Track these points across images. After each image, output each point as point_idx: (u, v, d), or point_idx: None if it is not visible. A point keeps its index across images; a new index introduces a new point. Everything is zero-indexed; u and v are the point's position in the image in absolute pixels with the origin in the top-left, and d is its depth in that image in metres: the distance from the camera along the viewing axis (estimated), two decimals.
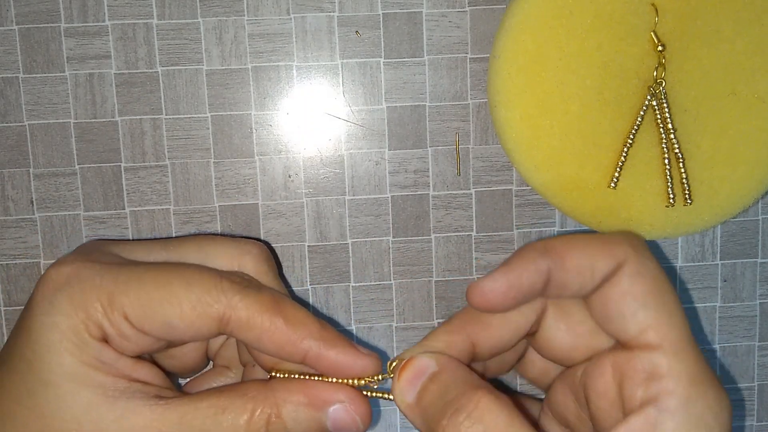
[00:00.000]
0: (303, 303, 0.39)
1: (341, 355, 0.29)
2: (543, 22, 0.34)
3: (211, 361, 0.36)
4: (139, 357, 0.30)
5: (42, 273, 0.30)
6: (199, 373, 0.35)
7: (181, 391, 0.32)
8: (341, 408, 0.29)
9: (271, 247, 0.39)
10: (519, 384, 0.41)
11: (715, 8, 0.34)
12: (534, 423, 0.28)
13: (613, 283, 0.27)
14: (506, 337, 0.29)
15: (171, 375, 0.34)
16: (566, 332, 0.29)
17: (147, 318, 0.28)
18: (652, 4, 0.34)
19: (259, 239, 0.38)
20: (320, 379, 0.30)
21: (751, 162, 0.35)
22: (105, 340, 0.29)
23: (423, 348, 0.29)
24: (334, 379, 0.30)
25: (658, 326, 0.26)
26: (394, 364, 0.29)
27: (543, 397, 0.33)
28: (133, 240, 0.33)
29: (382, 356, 0.40)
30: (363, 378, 0.30)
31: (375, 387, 0.30)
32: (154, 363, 0.32)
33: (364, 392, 0.30)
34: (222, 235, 0.37)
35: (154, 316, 0.28)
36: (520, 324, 0.29)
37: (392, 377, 0.29)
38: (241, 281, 0.30)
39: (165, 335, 0.29)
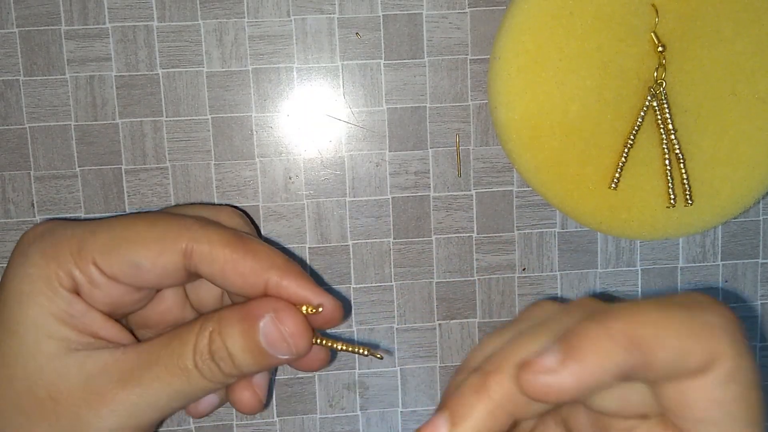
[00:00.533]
0: None
1: (301, 288, 0.29)
2: (543, 23, 0.34)
3: None
4: (113, 318, 0.30)
5: None
6: None
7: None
8: (269, 320, 0.28)
9: (250, 216, 0.38)
10: None
11: (715, 9, 0.34)
12: None
13: (700, 386, 0.22)
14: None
15: None
16: (618, 399, 0.23)
17: (113, 259, 0.29)
18: (653, 5, 0.34)
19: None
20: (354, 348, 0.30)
21: (752, 162, 0.35)
22: (76, 291, 0.29)
23: None
24: None
25: None
26: (320, 309, 0.29)
27: None
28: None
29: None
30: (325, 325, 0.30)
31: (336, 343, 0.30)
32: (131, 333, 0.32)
33: (320, 340, 0.30)
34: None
35: (119, 257, 0.29)
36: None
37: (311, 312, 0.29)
38: (206, 221, 0.30)
39: (133, 279, 0.29)
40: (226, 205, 0.35)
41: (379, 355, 0.31)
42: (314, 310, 0.29)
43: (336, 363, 0.40)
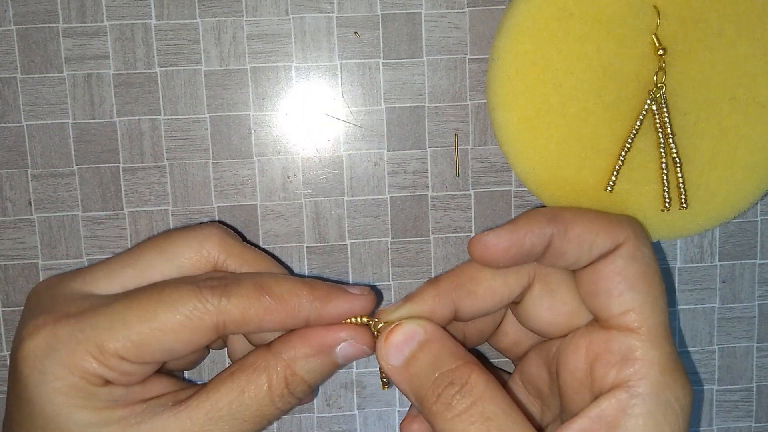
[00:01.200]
0: None
1: (340, 306, 0.30)
2: (542, 25, 0.33)
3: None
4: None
5: (21, 332, 0.29)
6: None
7: (192, 383, 0.32)
8: (347, 345, 0.30)
9: (228, 224, 0.38)
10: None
11: (718, 11, 0.33)
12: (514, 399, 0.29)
13: (608, 262, 0.28)
14: (489, 305, 0.31)
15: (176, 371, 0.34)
16: (548, 309, 0.31)
17: (144, 352, 0.28)
18: (654, 7, 0.33)
19: (214, 221, 0.38)
20: None
21: (749, 166, 0.35)
22: (109, 382, 0.29)
23: (409, 310, 0.30)
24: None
25: (641, 310, 0.27)
26: (380, 325, 0.30)
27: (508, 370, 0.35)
28: (87, 267, 0.32)
29: None
30: (360, 317, 0.31)
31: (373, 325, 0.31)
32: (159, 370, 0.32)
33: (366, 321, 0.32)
34: (176, 229, 0.35)
35: (150, 349, 0.28)
36: (504, 295, 0.31)
37: (377, 336, 0.30)
38: (218, 281, 0.29)
39: (166, 358, 0.29)
40: (209, 222, 0.34)
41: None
42: (371, 321, 0.31)
43: None
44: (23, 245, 0.38)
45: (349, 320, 0.31)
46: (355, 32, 0.37)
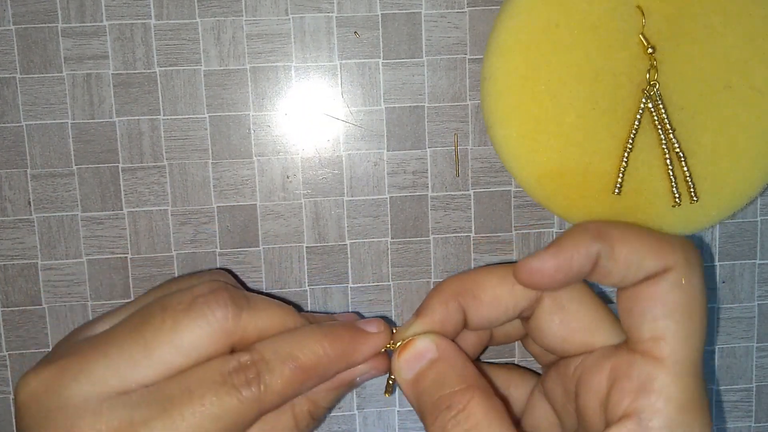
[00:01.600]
0: (301, 304, 0.39)
1: (365, 353, 0.31)
2: (530, 38, 0.33)
3: None
4: None
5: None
6: None
7: None
8: (366, 374, 0.32)
9: (231, 272, 0.38)
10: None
11: (702, 4, 0.34)
12: (517, 422, 0.29)
13: (652, 284, 0.27)
14: (494, 316, 0.30)
15: None
16: (560, 325, 0.30)
17: None
18: (638, 7, 0.33)
19: (219, 269, 0.38)
20: None
21: (754, 153, 0.35)
22: None
23: (422, 325, 0.30)
24: None
25: (672, 340, 0.26)
26: (398, 344, 0.31)
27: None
28: (83, 354, 0.28)
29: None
30: None
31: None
32: None
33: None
34: (176, 302, 0.30)
35: None
36: (509, 307, 0.30)
37: (393, 350, 0.31)
38: (253, 372, 0.28)
39: None
40: (209, 271, 0.33)
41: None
42: (393, 346, 0.32)
43: None
44: (22, 245, 0.38)
45: None
46: (355, 32, 0.37)
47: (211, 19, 0.37)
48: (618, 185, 0.35)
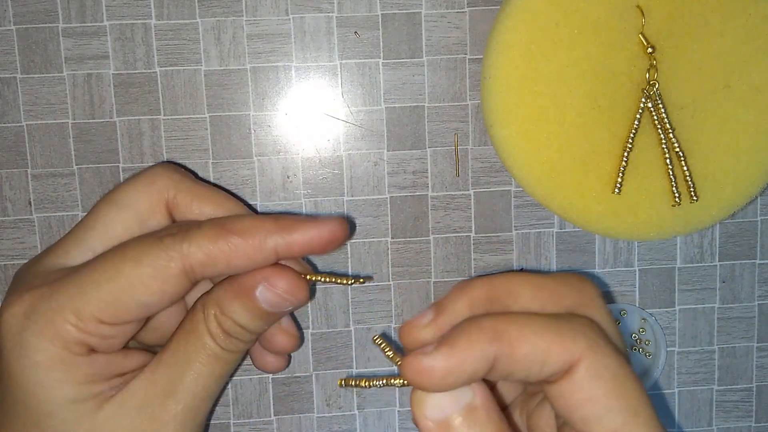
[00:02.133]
0: None
1: (307, 234, 0.29)
2: (529, 38, 0.34)
3: None
4: (126, 347, 0.31)
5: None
6: None
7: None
8: (263, 288, 0.30)
9: (179, 163, 0.38)
10: None
11: (701, 3, 0.34)
12: None
13: (573, 383, 0.24)
14: (524, 373, 0.25)
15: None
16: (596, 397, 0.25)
17: (120, 311, 0.28)
18: (638, 7, 0.33)
19: (163, 162, 0.38)
20: (391, 381, 0.26)
21: (753, 151, 0.35)
22: (91, 349, 0.29)
23: (440, 327, 0.25)
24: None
25: (625, 429, 0.23)
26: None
27: None
28: (59, 240, 0.31)
29: (380, 355, 0.40)
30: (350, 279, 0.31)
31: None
32: (141, 348, 0.33)
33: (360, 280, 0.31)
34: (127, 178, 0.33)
35: (125, 306, 0.28)
36: (541, 366, 0.25)
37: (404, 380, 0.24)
38: (178, 228, 0.29)
39: (144, 314, 0.29)
40: (157, 163, 0.33)
41: (361, 280, 0.31)
42: (311, 277, 0.31)
43: (333, 362, 0.40)
44: (23, 245, 0.38)
45: (378, 340, 0.26)
46: (355, 32, 0.37)
47: (212, 19, 0.37)
48: (618, 185, 0.35)
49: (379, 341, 0.26)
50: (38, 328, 0.28)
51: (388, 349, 0.26)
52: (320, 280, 0.31)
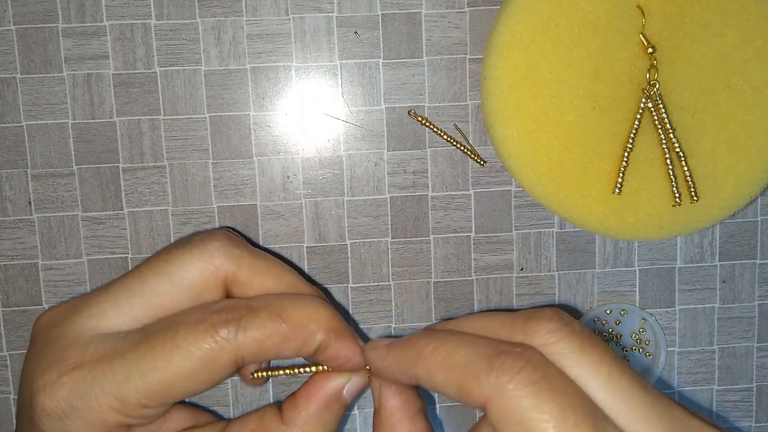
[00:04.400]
0: None
1: (349, 348, 0.29)
2: (530, 38, 0.34)
3: None
4: None
5: (32, 381, 0.28)
6: None
7: (207, 410, 0.32)
8: (353, 384, 0.30)
9: (233, 228, 0.38)
10: None
11: (701, 3, 0.34)
12: None
13: (490, 418, 0.24)
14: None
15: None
16: None
17: (165, 398, 0.28)
18: (638, 6, 0.33)
19: (218, 229, 0.38)
20: (304, 369, 0.30)
21: (754, 152, 0.35)
22: (132, 426, 0.28)
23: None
24: (313, 369, 0.30)
25: None
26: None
27: None
28: (92, 295, 0.30)
29: None
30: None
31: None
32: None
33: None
34: (181, 240, 0.32)
35: (171, 394, 0.28)
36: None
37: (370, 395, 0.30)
38: (233, 313, 0.28)
39: (187, 396, 0.29)
40: (212, 232, 0.32)
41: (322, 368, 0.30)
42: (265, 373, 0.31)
43: None
44: (23, 245, 0.38)
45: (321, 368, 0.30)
46: (355, 32, 0.37)
47: (212, 19, 0.37)
48: (618, 185, 0.35)
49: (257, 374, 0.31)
50: (83, 416, 0.27)
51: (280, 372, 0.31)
52: (277, 374, 0.31)
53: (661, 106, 0.34)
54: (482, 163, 0.38)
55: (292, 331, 0.28)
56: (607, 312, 0.40)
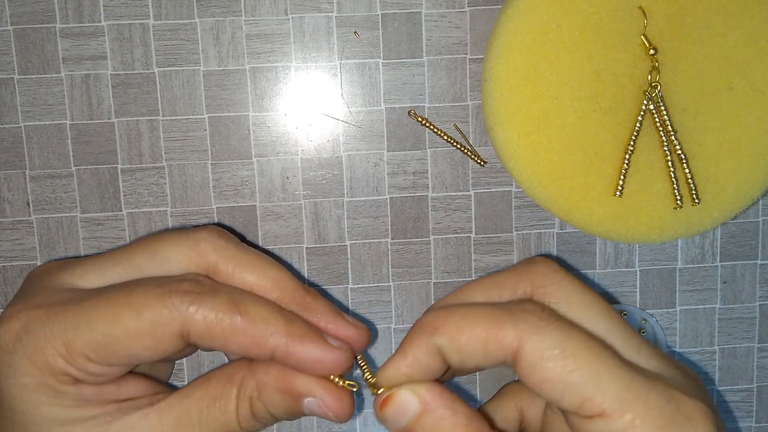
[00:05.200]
0: None
1: (309, 352, 0.28)
2: (530, 39, 0.33)
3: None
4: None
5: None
6: None
7: (173, 387, 0.32)
8: (314, 402, 0.29)
9: (228, 227, 0.38)
10: None
11: (703, 4, 0.33)
12: None
13: (523, 369, 0.25)
14: (473, 364, 0.28)
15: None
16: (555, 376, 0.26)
17: (108, 355, 0.28)
18: (640, 8, 0.33)
19: (212, 224, 0.38)
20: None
21: (756, 154, 0.35)
22: (78, 380, 0.28)
23: (399, 369, 0.27)
24: None
25: (593, 397, 0.24)
26: (380, 391, 0.28)
27: None
28: (84, 258, 0.31)
29: (380, 357, 0.40)
30: (341, 376, 0.29)
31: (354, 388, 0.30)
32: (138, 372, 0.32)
33: (348, 384, 0.30)
34: (174, 228, 0.33)
35: (114, 352, 0.28)
36: (490, 356, 0.27)
37: (373, 394, 0.28)
38: (193, 287, 0.28)
39: (133, 362, 0.29)
40: (206, 225, 0.32)
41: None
42: (348, 384, 0.29)
43: None
44: (21, 246, 0.38)
45: (333, 378, 0.29)
46: (355, 32, 0.37)
47: (210, 19, 0.37)
48: (619, 187, 0.34)
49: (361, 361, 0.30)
50: (27, 353, 0.28)
51: (365, 367, 0.30)
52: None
53: (662, 107, 0.34)
54: (482, 163, 0.38)
55: (244, 325, 0.28)
56: None
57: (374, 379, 0.28)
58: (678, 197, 0.35)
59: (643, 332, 0.40)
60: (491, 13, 0.37)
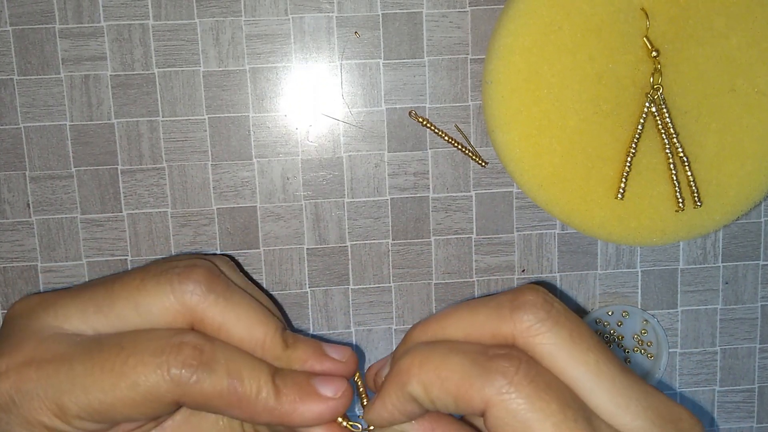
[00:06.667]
0: (302, 306, 0.39)
1: (306, 414, 0.29)
2: (532, 41, 0.33)
3: None
4: None
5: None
6: None
7: None
8: None
9: (231, 256, 0.38)
10: None
11: (705, 6, 0.33)
12: None
13: (488, 424, 0.24)
14: (450, 408, 0.28)
15: None
16: None
17: (103, 417, 0.28)
18: (642, 9, 0.33)
19: (217, 254, 0.38)
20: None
21: (758, 156, 0.35)
22: None
23: (384, 411, 0.27)
24: None
25: None
26: (371, 427, 0.28)
27: None
28: (64, 294, 0.30)
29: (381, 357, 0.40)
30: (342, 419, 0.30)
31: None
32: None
33: (351, 425, 0.30)
34: (166, 262, 0.31)
35: (109, 416, 0.28)
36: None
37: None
38: (191, 360, 0.28)
39: (127, 422, 0.29)
40: (193, 266, 0.31)
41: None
42: (351, 425, 0.30)
43: None
44: (22, 247, 0.38)
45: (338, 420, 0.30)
46: (356, 32, 0.37)
47: (210, 20, 0.36)
48: (621, 190, 0.34)
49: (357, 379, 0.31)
50: (22, 413, 0.27)
51: (361, 388, 0.31)
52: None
53: (664, 110, 0.34)
54: (484, 164, 0.38)
55: (241, 398, 0.28)
56: (609, 313, 0.40)
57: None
58: (680, 200, 0.34)
59: (645, 333, 0.40)
60: (492, 12, 0.37)
